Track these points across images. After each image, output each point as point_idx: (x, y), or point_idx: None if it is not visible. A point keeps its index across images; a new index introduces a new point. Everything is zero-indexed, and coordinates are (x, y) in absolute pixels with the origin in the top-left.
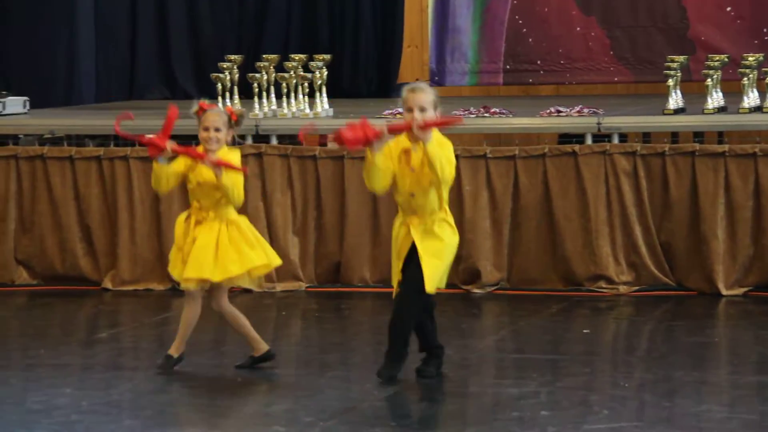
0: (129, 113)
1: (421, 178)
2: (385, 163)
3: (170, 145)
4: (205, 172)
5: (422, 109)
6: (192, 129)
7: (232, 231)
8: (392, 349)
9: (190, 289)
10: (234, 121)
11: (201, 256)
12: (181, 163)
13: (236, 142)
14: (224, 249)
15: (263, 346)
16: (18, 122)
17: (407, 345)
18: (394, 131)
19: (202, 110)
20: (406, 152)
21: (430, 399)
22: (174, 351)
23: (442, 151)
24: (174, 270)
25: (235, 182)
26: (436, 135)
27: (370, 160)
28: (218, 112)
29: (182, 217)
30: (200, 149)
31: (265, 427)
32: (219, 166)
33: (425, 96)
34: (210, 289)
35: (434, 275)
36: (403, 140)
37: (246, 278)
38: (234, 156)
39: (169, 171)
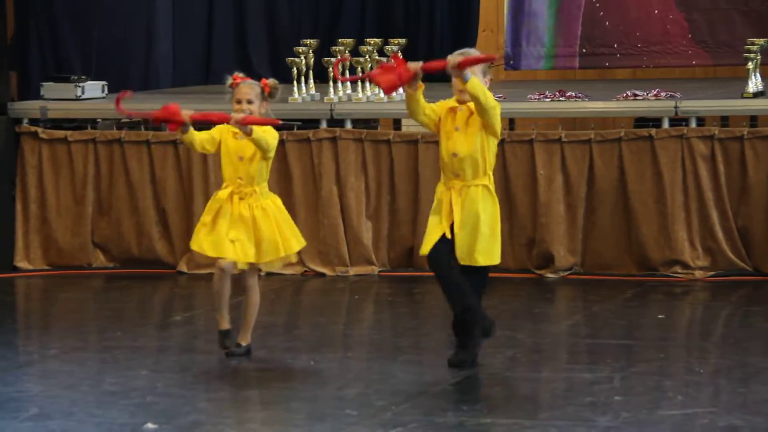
0: (126, 92)
1: (466, 137)
2: (425, 104)
3: (186, 113)
4: (246, 148)
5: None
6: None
7: (272, 213)
8: (464, 334)
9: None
10: (267, 93)
11: (245, 241)
12: (213, 137)
13: (288, 126)
14: (267, 232)
15: (249, 338)
16: (96, 107)
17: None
18: (428, 69)
19: (235, 83)
20: (452, 110)
21: (503, 384)
22: (244, 340)
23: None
24: (195, 244)
25: (264, 131)
26: None
27: (409, 95)
28: (251, 84)
29: (222, 194)
30: (226, 128)
31: (337, 411)
32: (245, 123)
33: (477, 68)
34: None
35: (483, 252)
36: (450, 101)
37: (280, 263)
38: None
39: (202, 137)
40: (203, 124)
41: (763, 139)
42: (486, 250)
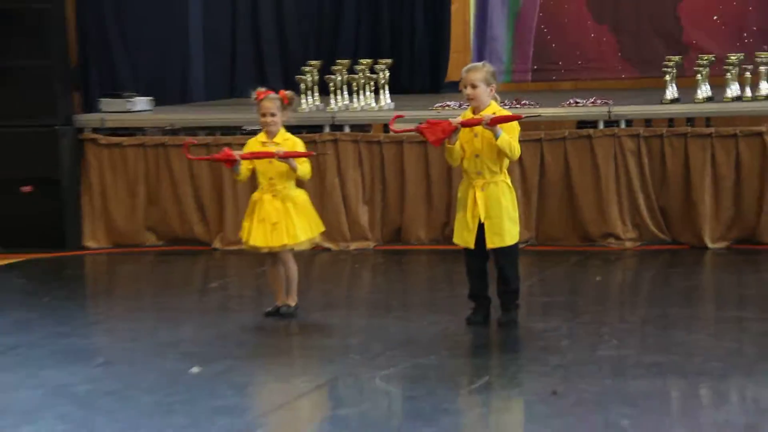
0: (188, 142)
1: (484, 140)
2: (456, 149)
3: (239, 155)
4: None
5: (473, 86)
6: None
7: (298, 204)
8: (504, 301)
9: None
10: (286, 103)
11: (272, 229)
12: (246, 163)
13: (321, 153)
14: (293, 219)
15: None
16: (145, 117)
17: (517, 296)
18: (466, 125)
19: (258, 98)
20: (469, 121)
21: (473, 332)
22: (291, 301)
23: (510, 135)
24: (243, 234)
25: (305, 168)
26: (493, 107)
27: (449, 148)
28: (272, 98)
29: (256, 194)
30: (261, 137)
31: (343, 356)
32: (287, 158)
33: (475, 74)
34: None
35: (509, 233)
36: (467, 111)
37: (307, 243)
38: (298, 144)
39: (243, 174)
40: (254, 158)
41: (679, 137)
42: (511, 232)
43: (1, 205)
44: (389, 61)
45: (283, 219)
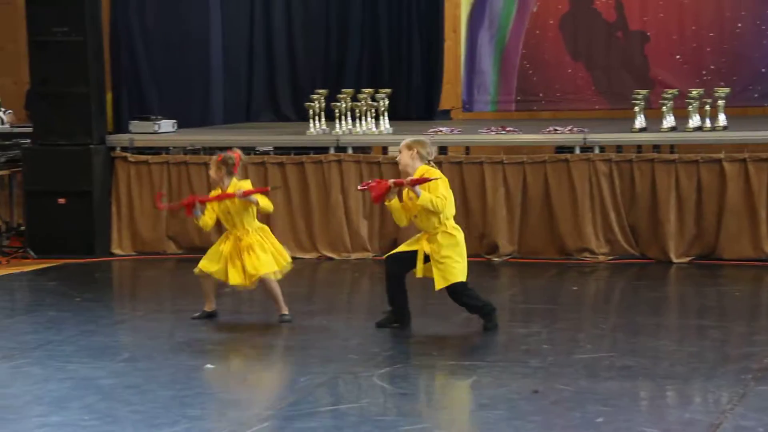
0: (160, 193)
1: (413, 207)
2: (399, 209)
3: (198, 199)
4: (230, 205)
5: (400, 152)
6: None
7: (264, 236)
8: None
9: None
10: (219, 161)
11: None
12: (210, 212)
13: (274, 188)
14: (262, 251)
15: (284, 308)
16: (169, 138)
17: (492, 308)
18: (397, 185)
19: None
20: (400, 191)
21: (462, 336)
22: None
23: (432, 193)
24: (206, 266)
25: (265, 201)
26: (421, 169)
27: (390, 206)
28: (212, 159)
29: (224, 237)
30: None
31: (343, 356)
32: (247, 195)
33: (402, 144)
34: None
35: (452, 273)
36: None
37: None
38: (247, 184)
39: (205, 219)
40: (216, 200)
41: (647, 162)
42: (453, 272)
43: (38, 215)
44: (388, 90)
45: (243, 259)
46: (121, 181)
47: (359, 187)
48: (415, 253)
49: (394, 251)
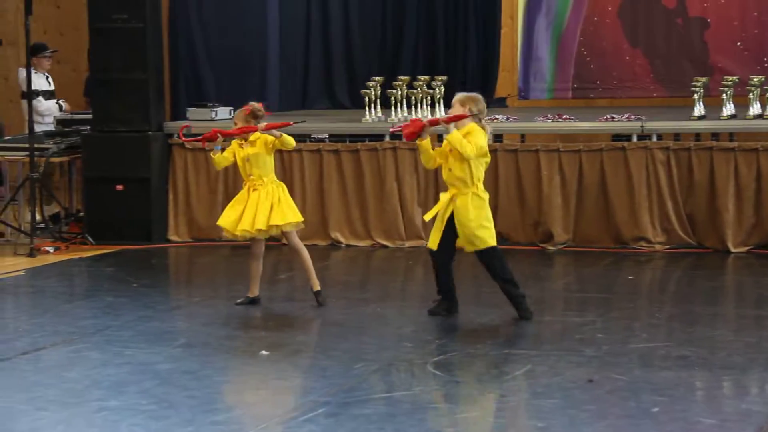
0: (186, 124)
1: (455, 156)
2: (429, 150)
3: (221, 132)
4: (250, 149)
5: (452, 106)
6: None
7: (281, 191)
8: (510, 296)
9: (246, 237)
10: (247, 114)
11: (262, 213)
12: (229, 152)
13: (298, 122)
14: (280, 204)
15: (316, 284)
16: (226, 125)
17: (518, 287)
18: (432, 124)
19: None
20: (433, 119)
21: (516, 325)
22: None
23: (468, 137)
24: (222, 221)
25: (287, 137)
26: (467, 127)
27: (419, 143)
28: (239, 111)
29: (243, 190)
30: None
31: (397, 344)
32: (269, 129)
33: (455, 98)
34: (283, 233)
35: (479, 238)
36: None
37: (292, 225)
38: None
39: (225, 155)
40: (238, 134)
41: (705, 150)
42: (481, 237)
43: (97, 201)
44: (444, 78)
45: (264, 208)
46: (178, 168)
47: (391, 129)
48: (453, 237)
49: (432, 241)
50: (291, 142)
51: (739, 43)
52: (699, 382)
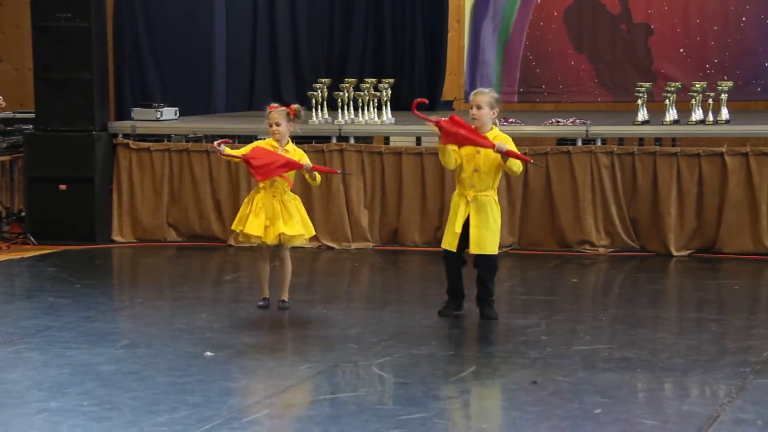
0: (227, 140)
1: (486, 158)
2: (455, 151)
3: (254, 147)
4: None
5: (479, 108)
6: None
7: (295, 204)
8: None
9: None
10: (291, 115)
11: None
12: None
13: (343, 173)
14: (288, 216)
15: (286, 295)
16: (171, 125)
17: (491, 294)
18: (477, 144)
19: (270, 111)
20: (483, 141)
21: (462, 327)
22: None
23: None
24: (238, 226)
25: (318, 177)
26: (494, 132)
27: (443, 147)
28: (279, 111)
29: (256, 193)
30: (267, 142)
31: (342, 345)
32: (317, 170)
33: (482, 97)
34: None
35: (489, 242)
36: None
37: (300, 240)
38: (304, 156)
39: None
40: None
41: (648, 155)
42: (491, 242)
43: (39, 201)
44: (391, 80)
45: (280, 217)
46: (122, 168)
47: (428, 119)
48: (467, 239)
49: (450, 243)
50: (317, 182)
51: (681, 50)
52: (641, 384)
